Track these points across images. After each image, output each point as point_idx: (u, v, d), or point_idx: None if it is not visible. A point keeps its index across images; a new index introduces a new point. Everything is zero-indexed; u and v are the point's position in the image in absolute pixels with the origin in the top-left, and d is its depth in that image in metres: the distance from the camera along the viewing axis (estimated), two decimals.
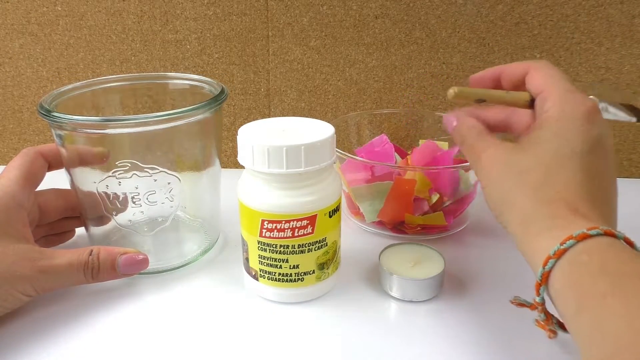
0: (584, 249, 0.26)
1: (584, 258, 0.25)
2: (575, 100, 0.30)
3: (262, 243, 0.36)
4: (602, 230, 0.26)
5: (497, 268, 0.42)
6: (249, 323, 0.36)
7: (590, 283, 0.24)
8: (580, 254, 0.25)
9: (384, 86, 0.59)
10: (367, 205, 0.46)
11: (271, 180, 0.35)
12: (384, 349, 0.34)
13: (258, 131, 0.36)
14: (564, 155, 0.29)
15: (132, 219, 0.41)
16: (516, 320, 0.36)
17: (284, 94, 0.60)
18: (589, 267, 0.25)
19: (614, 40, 0.55)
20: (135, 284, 0.40)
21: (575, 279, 0.25)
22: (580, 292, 0.25)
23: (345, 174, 0.47)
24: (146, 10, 0.57)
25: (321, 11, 0.56)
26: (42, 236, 0.42)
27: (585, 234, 0.26)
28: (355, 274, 0.42)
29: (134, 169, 0.38)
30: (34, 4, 0.57)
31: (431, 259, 0.40)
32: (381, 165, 0.46)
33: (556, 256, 0.26)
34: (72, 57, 0.59)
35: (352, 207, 0.49)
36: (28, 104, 0.61)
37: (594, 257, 0.25)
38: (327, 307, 0.38)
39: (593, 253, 0.25)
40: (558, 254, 0.26)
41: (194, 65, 0.59)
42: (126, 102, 0.45)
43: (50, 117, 0.36)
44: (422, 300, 0.38)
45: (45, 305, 0.38)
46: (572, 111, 0.30)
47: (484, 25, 0.55)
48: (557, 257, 0.26)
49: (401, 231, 0.46)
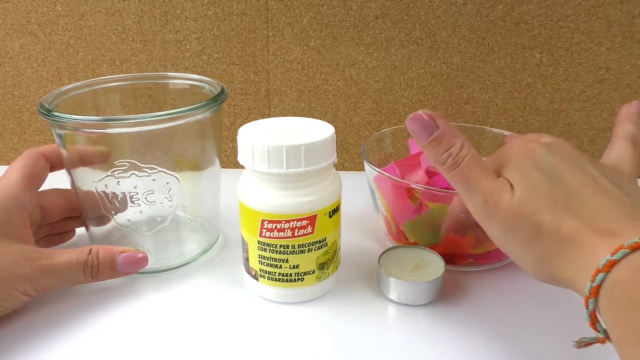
0: (614, 281, 0.24)
1: (616, 292, 0.24)
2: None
3: (262, 243, 0.36)
4: (628, 247, 0.24)
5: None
6: (249, 323, 0.36)
7: (625, 322, 0.23)
8: (613, 287, 0.24)
9: (384, 86, 0.59)
10: (420, 236, 0.42)
11: (271, 180, 0.35)
12: (382, 350, 0.34)
13: (258, 131, 0.36)
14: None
15: (131, 218, 0.41)
16: (515, 325, 0.36)
17: (284, 94, 0.60)
18: (621, 303, 0.23)
19: (614, 40, 0.55)
20: (135, 283, 0.40)
21: (613, 317, 0.24)
22: (618, 331, 0.24)
23: (383, 191, 0.43)
24: (146, 10, 0.57)
25: (321, 11, 0.56)
26: (43, 236, 0.42)
27: (611, 262, 0.24)
28: (356, 275, 0.42)
29: (133, 169, 0.38)
30: (34, 4, 0.57)
31: (431, 263, 0.39)
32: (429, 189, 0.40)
33: (593, 295, 0.24)
34: (72, 57, 0.59)
35: (390, 230, 0.45)
36: (28, 104, 0.61)
37: (624, 289, 0.23)
38: (327, 307, 0.38)
39: (623, 283, 0.24)
40: (593, 292, 0.24)
41: (194, 65, 0.59)
42: (126, 102, 0.45)
43: (51, 117, 0.36)
44: (421, 304, 0.38)
45: (45, 305, 0.38)
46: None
47: (484, 25, 0.55)
48: (594, 295, 0.24)
49: (451, 262, 0.41)
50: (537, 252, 0.28)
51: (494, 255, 0.42)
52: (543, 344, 0.34)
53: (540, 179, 0.29)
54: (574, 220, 0.27)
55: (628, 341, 0.23)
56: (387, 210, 0.44)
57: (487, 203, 0.29)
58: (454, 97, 0.59)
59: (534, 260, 0.29)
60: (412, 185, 0.40)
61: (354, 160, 0.63)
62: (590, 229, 0.26)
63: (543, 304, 0.38)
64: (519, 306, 0.38)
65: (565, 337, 0.34)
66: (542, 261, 0.28)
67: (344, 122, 0.61)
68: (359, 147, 0.62)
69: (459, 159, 0.30)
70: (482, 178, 0.30)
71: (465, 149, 0.30)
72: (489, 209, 0.29)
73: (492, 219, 0.29)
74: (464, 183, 0.30)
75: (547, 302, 0.38)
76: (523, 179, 0.29)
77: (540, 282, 0.29)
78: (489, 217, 0.29)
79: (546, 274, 0.29)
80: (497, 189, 0.29)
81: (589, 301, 0.25)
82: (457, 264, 0.42)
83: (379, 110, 0.60)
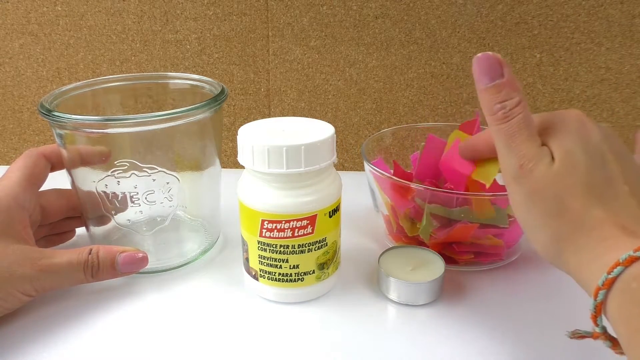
0: (635, 275, 0.24)
1: (634, 285, 0.23)
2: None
3: (262, 243, 0.36)
4: None
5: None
6: (249, 323, 0.36)
7: (639, 315, 0.23)
8: (631, 281, 0.24)
9: (384, 86, 0.59)
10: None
11: (271, 180, 0.35)
12: (382, 350, 0.34)
13: (258, 131, 0.36)
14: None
15: (131, 218, 0.41)
16: (516, 325, 0.36)
17: (284, 94, 0.60)
18: (639, 296, 0.23)
19: (614, 40, 0.55)
20: (135, 283, 0.40)
21: (626, 310, 0.24)
22: (631, 325, 0.23)
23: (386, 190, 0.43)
24: (146, 10, 0.57)
25: (321, 11, 0.56)
26: (43, 236, 0.42)
27: (633, 257, 0.24)
28: (356, 275, 0.42)
29: (133, 169, 0.38)
30: (34, 4, 0.57)
31: (431, 263, 0.39)
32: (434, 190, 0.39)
33: (605, 287, 0.24)
34: (72, 57, 0.59)
35: (390, 230, 0.45)
36: (28, 104, 0.61)
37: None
38: (327, 307, 0.38)
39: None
40: (607, 283, 0.24)
41: (194, 65, 0.59)
42: (126, 102, 0.45)
43: (51, 117, 0.36)
44: (420, 304, 0.38)
45: (45, 305, 0.38)
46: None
47: (484, 25, 0.55)
48: (607, 287, 0.24)
49: (451, 261, 0.42)
50: (554, 230, 0.28)
51: (493, 255, 0.42)
52: (543, 344, 0.34)
53: (583, 161, 0.28)
54: (602, 211, 0.27)
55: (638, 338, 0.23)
56: (388, 208, 0.44)
57: (523, 167, 0.28)
58: (454, 97, 0.59)
59: (547, 237, 0.28)
60: (413, 185, 0.40)
61: (354, 160, 0.63)
62: (615, 225, 0.26)
63: (543, 303, 0.38)
64: (519, 306, 0.38)
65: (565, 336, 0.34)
66: (556, 240, 0.28)
67: (344, 122, 0.61)
68: (359, 147, 0.62)
69: (512, 115, 0.29)
70: (526, 141, 0.28)
71: (520, 107, 0.29)
72: (522, 172, 0.28)
73: (521, 183, 0.28)
74: (507, 140, 0.29)
75: (547, 302, 0.38)
76: (566, 155, 0.28)
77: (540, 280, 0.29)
78: (518, 181, 0.28)
79: (554, 254, 0.28)
80: (536, 157, 0.28)
81: (599, 292, 0.24)
82: (457, 263, 0.42)
83: (379, 110, 0.60)
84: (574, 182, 0.27)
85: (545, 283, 0.40)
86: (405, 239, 0.43)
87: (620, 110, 0.58)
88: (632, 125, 0.58)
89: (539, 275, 0.41)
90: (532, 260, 0.43)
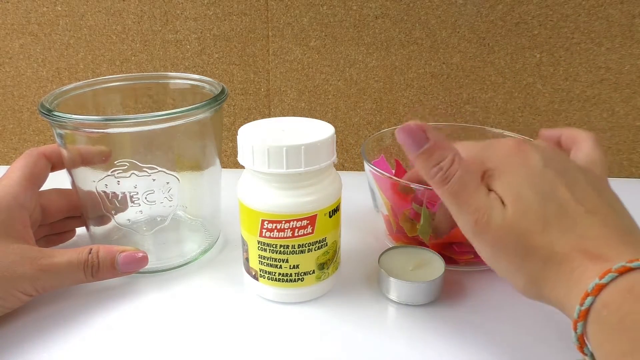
0: (604, 302, 0.24)
1: (604, 313, 0.24)
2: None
3: (262, 243, 0.36)
4: (615, 271, 0.24)
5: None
6: (249, 323, 0.36)
7: (611, 342, 0.23)
8: (601, 309, 0.24)
9: (384, 86, 0.59)
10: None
11: (271, 180, 0.35)
12: (381, 350, 0.34)
13: (258, 131, 0.36)
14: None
15: (131, 218, 0.41)
16: (515, 325, 0.36)
17: (284, 94, 0.60)
18: (609, 324, 0.24)
19: (614, 40, 0.55)
20: (135, 283, 0.40)
21: (599, 337, 0.24)
22: (604, 350, 0.24)
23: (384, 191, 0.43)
24: (146, 10, 0.57)
25: (321, 11, 0.56)
26: (43, 236, 0.42)
27: (599, 285, 0.24)
28: (356, 275, 0.42)
29: (133, 169, 0.38)
30: (34, 4, 0.57)
31: (431, 263, 0.39)
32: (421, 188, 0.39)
33: (581, 319, 0.24)
34: (72, 57, 0.59)
35: (390, 230, 0.45)
36: (28, 104, 0.61)
37: (613, 310, 0.24)
38: (327, 307, 0.38)
39: (611, 305, 0.24)
40: (582, 315, 0.24)
41: (194, 65, 0.59)
42: (127, 102, 0.45)
43: (51, 117, 0.36)
44: (420, 304, 0.38)
45: (45, 305, 0.38)
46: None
47: (484, 25, 0.55)
48: (583, 319, 0.24)
49: (451, 261, 0.42)
50: (527, 271, 0.28)
51: None
52: (543, 344, 0.34)
53: (533, 197, 0.28)
54: (565, 242, 0.27)
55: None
56: (388, 208, 0.44)
57: (478, 222, 0.28)
58: (454, 97, 0.59)
59: (523, 280, 0.28)
60: (413, 185, 0.40)
61: (354, 160, 0.63)
62: (580, 253, 0.26)
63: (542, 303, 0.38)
64: (519, 306, 0.38)
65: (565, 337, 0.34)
66: (532, 281, 0.28)
67: (344, 122, 0.61)
68: (359, 147, 0.62)
69: (449, 175, 0.29)
70: (472, 195, 0.29)
71: (456, 164, 0.29)
72: (479, 227, 0.28)
73: (481, 237, 0.29)
74: (454, 199, 0.29)
75: None
76: (516, 197, 0.28)
77: None
78: (479, 236, 0.29)
79: (535, 293, 0.29)
80: (487, 208, 0.28)
81: (577, 324, 0.25)
82: (457, 263, 0.42)
83: (379, 110, 0.60)
84: (529, 221, 0.28)
85: None
86: (405, 239, 0.43)
87: (620, 110, 0.58)
88: (632, 125, 0.58)
89: None
90: None
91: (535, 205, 0.28)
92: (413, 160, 0.30)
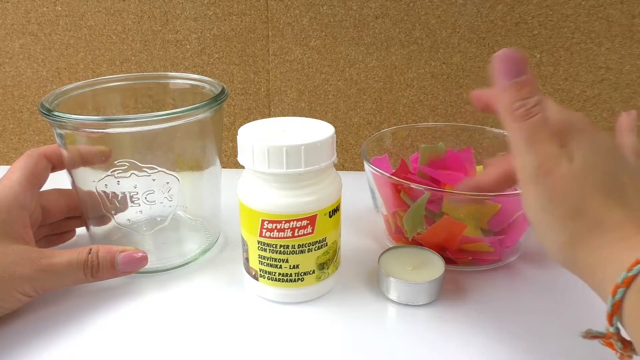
0: None
1: None
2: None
3: (262, 243, 0.36)
4: None
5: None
6: (249, 323, 0.36)
7: None
8: None
9: (384, 86, 0.59)
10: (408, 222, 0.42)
11: (271, 180, 0.35)
12: (381, 350, 0.34)
13: (258, 131, 0.36)
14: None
15: (131, 218, 0.41)
16: (515, 325, 0.36)
17: (284, 94, 0.60)
18: None
19: (614, 40, 0.55)
20: (135, 283, 0.40)
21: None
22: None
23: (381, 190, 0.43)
24: (146, 10, 0.57)
25: (321, 11, 0.56)
26: (43, 236, 0.42)
27: None
28: (356, 275, 0.42)
29: (133, 169, 0.38)
30: (34, 4, 0.57)
31: (431, 263, 0.39)
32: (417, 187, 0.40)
33: (625, 284, 0.24)
34: (72, 57, 0.59)
35: (390, 230, 0.45)
36: (28, 104, 0.61)
37: None
38: (327, 307, 0.38)
39: None
40: (627, 281, 0.24)
41: (194, 65, 0.59)
42: (127, 102, 0.45)
43: (52, 117, 0.36)
44: (420, 304, 0.38)
45: (45, 305, 0.38)
46: None
47: (484, 25, 0.55)
48: (626, 285, 0.24)
49: (451, 262, 0.41)
50: (570, 231, 0.27)
51: (492, 255, 0.42)
52: (543, 344, 0.34)
53: (601, 164, 0.28)
54: (621, 211, 0.27)
55: None
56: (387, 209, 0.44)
57: (542, 166, 0.28)
58: (454, 97, 0.59)
59: (562, 239, 0.28)
60: (413, 186, 0.40)
61: (354, 160, 0.63)
62: (634, 224, 0.26)
63: (542, 303, 0.38)
64: (518, 306, 0.38)
65: (565, 336, 0.34)
66: (571, 242, 0.27)
67: (344, 122, 0.61)
68: (359, 147, 0.62)
69: (532, 113, 0.28)
70: (546, 140, 0.28)
71: (541, 106, 0.28)
72: (542, 171, 0.28)
73: (539, 183, 0.28)
74: (527, 138, 0.28)
75: (547, 301, 0.38)
76: (586, 156, 0.28)
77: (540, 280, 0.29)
78: (536, 181, 0.28)
79: (568, 255, 0.28)
80: (556, 157, 0.28)
81: (617, 290, 0.24)
82: (456, 264, 0.42)
83: (379, 110, 0.60)
84: (594, 183, 0.27)
85: (545, 283, 0.40)
86: (405, 239, 0.43)
87: (620, 110, 0.57)
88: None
89: (538, 275, 0.41)
90: (532, 260, 0.43)
91: (602, 171, 0.28)
92: (499, 88, 0.29)
